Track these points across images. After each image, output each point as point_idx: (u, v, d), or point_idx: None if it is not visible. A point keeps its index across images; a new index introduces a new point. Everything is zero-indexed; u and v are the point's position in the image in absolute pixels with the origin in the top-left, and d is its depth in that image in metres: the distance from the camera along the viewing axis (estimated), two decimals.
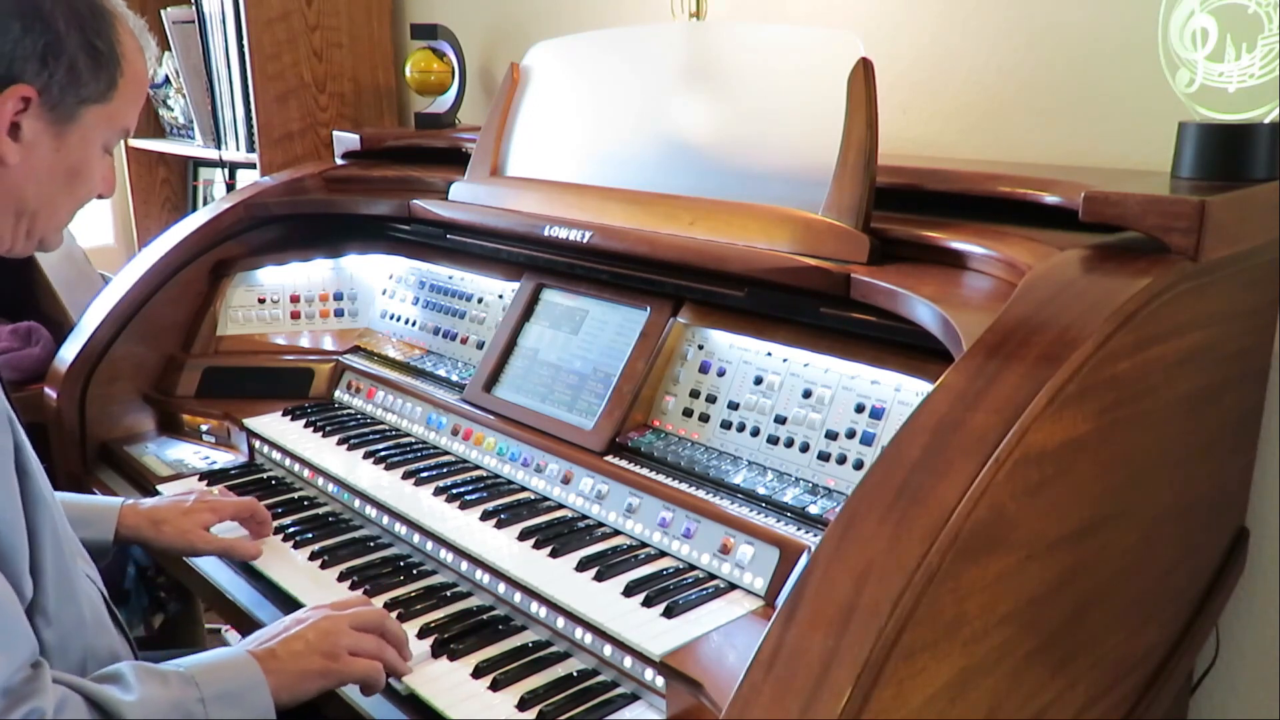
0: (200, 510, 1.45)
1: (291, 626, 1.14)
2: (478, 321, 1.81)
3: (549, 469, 1.49)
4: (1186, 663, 1.30)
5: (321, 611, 1.16)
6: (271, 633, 1.14)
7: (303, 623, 1.14)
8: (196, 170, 3.05)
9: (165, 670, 1.04)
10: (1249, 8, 1.09)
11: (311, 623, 1.13)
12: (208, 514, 1.45)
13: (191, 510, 1.45)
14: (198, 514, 1.45)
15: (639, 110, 1.61)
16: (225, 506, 1.48)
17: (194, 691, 1.02)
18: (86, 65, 1.09)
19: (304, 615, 1.16)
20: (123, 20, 1.14)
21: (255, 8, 2.40)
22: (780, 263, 1.30)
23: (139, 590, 1.74)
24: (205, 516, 1.45)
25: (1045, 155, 1.54)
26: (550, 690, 1.13)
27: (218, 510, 1.47)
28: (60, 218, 1.17)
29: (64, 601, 1.08)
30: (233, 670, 1.07)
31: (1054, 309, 0.95)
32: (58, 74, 1.07)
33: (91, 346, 1.86)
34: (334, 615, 1.15)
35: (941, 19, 1.62)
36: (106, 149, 1.17)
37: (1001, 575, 0.86)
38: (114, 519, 1.42)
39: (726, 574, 1.23)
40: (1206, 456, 1.22)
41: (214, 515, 1.46)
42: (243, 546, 1.44)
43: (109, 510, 1.43)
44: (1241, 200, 1.06)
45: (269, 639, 1.12)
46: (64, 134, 1.10)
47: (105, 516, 1.42)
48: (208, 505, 1.47)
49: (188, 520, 1.44)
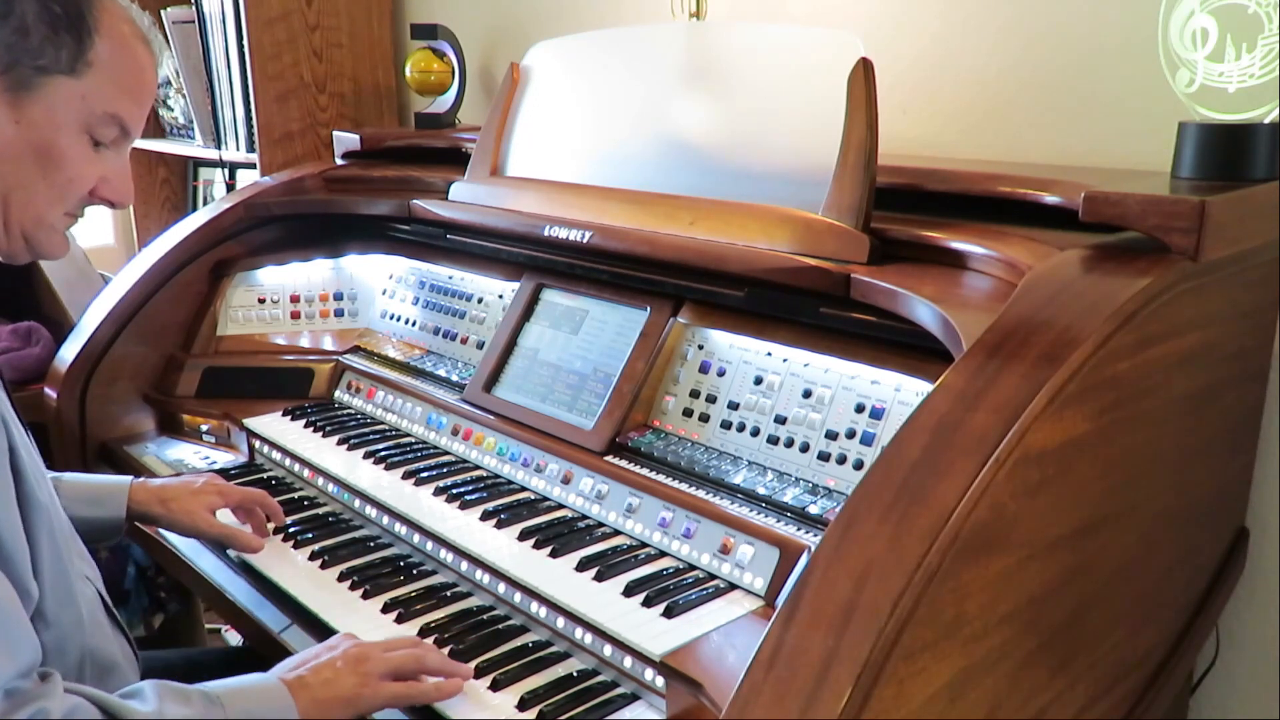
0: (208, 492, 1.46)
1: (322, 654, 1.12)
2: (478, 321, 1.81)
3: (549, 469, 1.49)
4: (1186, 663, 1.30)
5: (353, 639, 1.15)
6: (301, 659, 1.12)
7: (334, 650, 1.12)
8: (196, 170, 3.05)
9: (189, 690, 1.02)
10: (1249, 8, 1.09)
11: (343, 650, 1.12)
12: (215, 497, 1.45)
13: (199, 491, 1.45)
14: (205, 495, 1.45)
15: (639, 110, 1.61)
16: (233, 493, 1.48)
17: (218, 712, 1.01)
18: (41, 29, 1.02)
19: (335, 643, 1.15)
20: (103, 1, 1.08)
21: (255, 8, 2.40)
22: (780, 263, 1.30)
23: (139, 590, 1.74)
24: (212, 499, 1.45)
25: (1045, 155, 1.54)
26: (550, 690, 1.13)
27: (225, 495, 1.47)
28: (40, 207, 1.09)
29: (62, 604, 1.07)
30: (260, 694, 1.05)
31: (1054, 309, 0.95)
32: (3, 33, 1.01)
33: (91, 346, 1.86)
34: (366, 642, 1.14)
35: (941, 19, 1.62)
36: (93, 138, 1.10)
37: (1001, 575, 0.86)
38: (125, 497, 1.42)
39: (726, 574, 1.23)
40: (1206, 456, 1.22)
41: (221, 499, 1.46)
42: (245, 538, 1.44)
43: (119, 489, 1.43)
44: (1241, 200, 1.06)
45: (299, 666, 1.10)
46: (21, 104, 1.03)
47: (116, 495, 1.42)
48: (216, 489, 1.47)
49: (195, 501, 1.44)
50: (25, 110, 1.04)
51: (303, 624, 1.32)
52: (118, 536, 1.45)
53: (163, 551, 1.56)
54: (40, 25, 1.03)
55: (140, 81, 1.13)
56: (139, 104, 1.13)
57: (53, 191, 1.09)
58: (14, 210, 1.08)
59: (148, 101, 1.15)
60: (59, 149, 1.07)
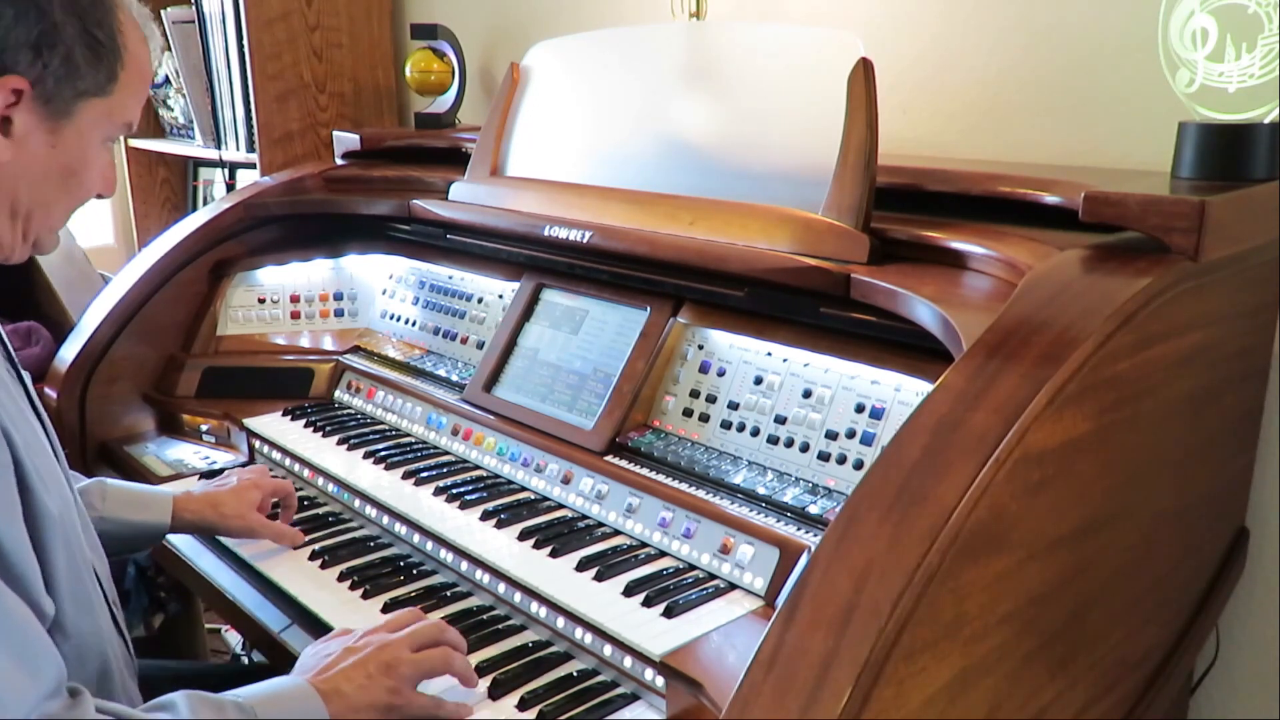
0: (248, 489, 1.48)
1: (346, 656, 1.09)
2: (478, 321, 1.81)
3: (549, 469, 1.48)
4: (1186, 663, 1.30)
5: (379, 637, 1.10)
6: (323, 655, 1.10)
7: (358, 652, 1.09)
8: (196, 170, 3.05)
9: (221, 699, 1.00)
10: (1249, 8, 1.09)
11: (372, 651, 1.08)
12: (254, 491, 1.48)
13: (241, 490, 1.48)
14: (247, 493, 1.48)
15: (639, 110, 1.61)
16: (266, 484, 1.51)
17: None
18: (84, 57, 1.02)
19: (358, 643, 1.10)
20: (125, 9, 1.08)
21: (255, 8, 2.40)
22: (780, 263, 1.30)
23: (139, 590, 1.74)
24: (254, 495, 1.48)
25: (1045, 155, 1.54)
26: (550, 690, 1.13)
27: (261, 487, 1.49)
28: (56, 218, 1.12)
29: (80, 614, 1.06)
30: (293, 701, 1.03)
31: (1054, 309, 0.95)
32: (52, 65, 1.00)
33: (91, 346, 1.86)
34: (391, 641, 1.09)
35: (942, 19, 1.62)
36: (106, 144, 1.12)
37: (1001, 575, 0.86)
38: (169, 505, 1.43)
39: (726, 574, 1.23)
40: (1206, 456, 1.22)
41: (259, 492, 1.48)
42: (292, 533, 1.47)
43: (162, 498, 1.44)
44: (1241, 200, 1.06)
45: (326, 670, 1.07)
46: (59, 129, 1.04)
47: (160, 502, 1.44)
48: (252, 482, 1.50)
49: (242, 502, 1.46)
50: (61, 135, 1.05)
51: (303, 624, 1.32)
52: (156, 543, 1.47)
53: (163, 551, 1.56)
54: (84, 53, 1.03)
55: (147, 82, 1.15)
56: (143, 101, 1.15)
57: (70, 201, 1.12)
58: (35, 222, 1.09)
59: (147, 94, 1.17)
60: (86, 164, 1.09)
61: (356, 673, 1.06)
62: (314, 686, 1.04)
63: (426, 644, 1.11)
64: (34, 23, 0.99)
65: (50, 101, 1.02)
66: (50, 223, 1.11)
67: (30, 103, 1.01)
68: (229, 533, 1.47)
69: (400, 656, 1.08)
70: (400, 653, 1.09)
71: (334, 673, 1.06)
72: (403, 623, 1.14)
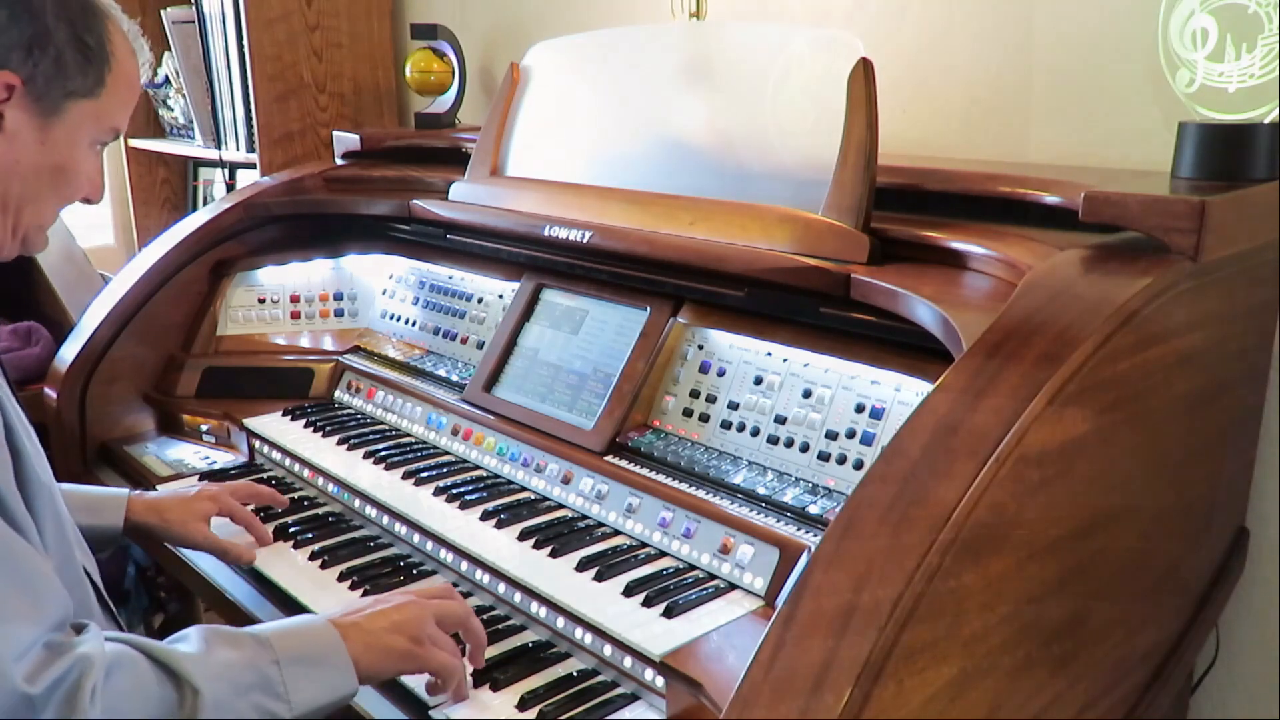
0: (200, 499, 1.46)
1: (374, 605, 1.11)
2: (478, 321, 1.81)
3: (549, 469, 1.48)
4: (1186, 663, 1.30)
5: (407, 595, 1.13)
6: (353, 606, 1.11)
7: (385, 603, 1.11)
8: (196, 170, 3.05)
9: (239, 632, 1.02)
10: (1249, 8, 1.09)
11: (397, 604, 1.11)
12: (207, 503, 1.46)
13: (192, 499, 1.46)
14: (198, 503, 1.45)
15: (639, 110, 1.61)
16: (223, 496, 1.48)
17: (268, 654, 1.00)
18: (74, 59, 1.09)
19: (386, 597, 1.13)
20: (115, 21, 1.15)
21: (255, 8, 2.40)
22: (780, 263, 1.30)
23: (139, 590, 1.74)
24: (205, 505, 1.45)
25: (1045, 155, 1.54)
26: (550, 690, 1.13)
27: (217, 499, 1.47)
28: (45, 215, 1.16)
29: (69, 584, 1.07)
30: (312, 635, 1.04)
31: (1054, 309, 0.95)
32: (43, 65, 1.07)
33: (91, 346, 1.86)
34: (420, 602, 1.12)
35: (942, 19, 1.62)
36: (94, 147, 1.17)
37: (1001, 575, 0.86)
38: (122, 508, 1.42)
39: (726, 574, 1.23)
40: (1206, 456, 1.22)
41: (213, 504, 1.46)
42: (237, 550, 1.43)
43: (116, 500, 1.43)
44: (1241, 200, 1.06)
45: (351, 614, 1.09)
46: (49, 126, 1.10)
47: (113, 505, 1.43)
48: (209, 495, 1.47)
49: (188, 510, 1.44)
50: (50, 133, 1.10)
51: None
52: (113, 547, 1.45)
53: (163, 551, 1.56)
54: (74, 55, 1.09)
55: (135, 92, 1.20)
56: (131, 110, 1.20)
57: (59, 199, 1.17)
58: (24, 219, 1.14)
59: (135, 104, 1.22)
60: (74, 164, 1.14)
61: (379, 618, 1.08)
62: (333, 623, 1.06)
63: (450, 624, 1.13)
64: (27, 25, 1.06)
65: (41, 99, 1.08)
66: (40, 219, 1.16)
67: (22, 99, 1.07)
68: (172, 540, 1.45)
69: (424, 616, 1.10)
70: (425, 614, 1.10)
71: (357, 615, 1.09)
72: (434, 593, 1.16)
